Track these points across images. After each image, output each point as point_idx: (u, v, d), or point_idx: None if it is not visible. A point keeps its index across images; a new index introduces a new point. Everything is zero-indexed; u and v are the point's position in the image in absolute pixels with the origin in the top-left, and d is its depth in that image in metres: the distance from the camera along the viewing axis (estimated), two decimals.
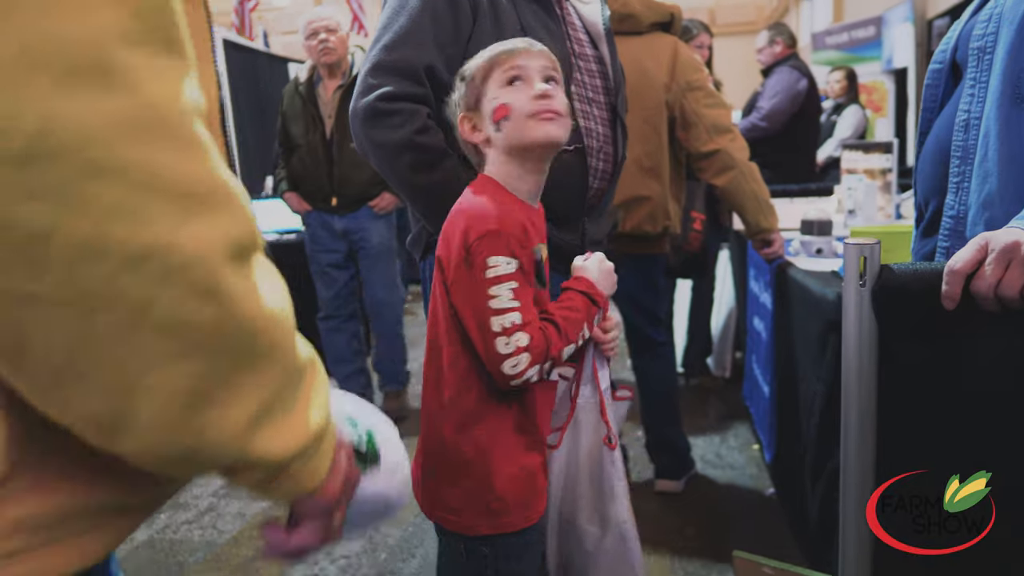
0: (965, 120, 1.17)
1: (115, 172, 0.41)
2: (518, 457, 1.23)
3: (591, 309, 1.25)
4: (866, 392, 1.02)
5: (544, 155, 1.23)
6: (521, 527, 1.23)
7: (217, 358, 0.47)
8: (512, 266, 1.14)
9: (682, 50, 2.45)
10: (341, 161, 3.36)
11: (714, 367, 3.93)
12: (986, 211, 1.13)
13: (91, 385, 0.45)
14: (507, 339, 1.13)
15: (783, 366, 2.29)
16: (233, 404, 0.50)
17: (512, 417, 1.23)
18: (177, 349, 0.45)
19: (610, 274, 1.30)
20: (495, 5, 1.50)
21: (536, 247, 1.20)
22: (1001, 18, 1.13)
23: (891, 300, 0.98)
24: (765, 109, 4.07)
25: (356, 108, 1.43)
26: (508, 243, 1.14)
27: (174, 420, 0.47)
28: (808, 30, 10.30)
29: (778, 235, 2.37)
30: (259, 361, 0.50)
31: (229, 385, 0.49)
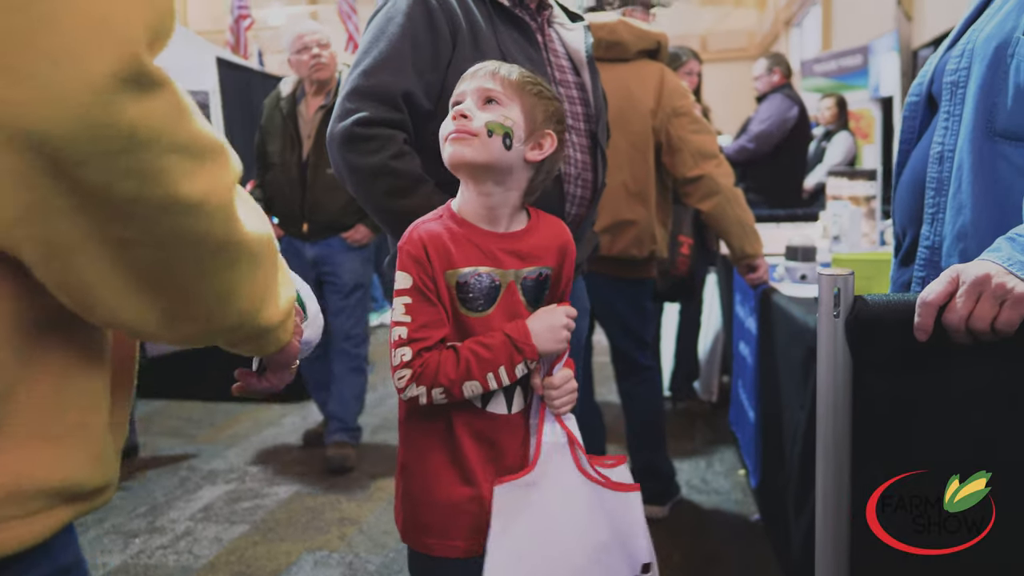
0: (939, 152, 1.19)
1: (174, 149, 0.56)
2: (439, 485, 1.24)
3: (512, 355, 1.20)
4: (840, 421, 1.02)
5: (465, 176, 1.23)
6: (443, 555, 1.24)
7: (242, 261, 0.65)
8: (407, 282, 1.19)
9: (668, 77, 2.47)
10: (315, 185, 3.16)
11: (701, 392, 3.94)
12: (960, 242, 1.14)
13: (162, 293, 0.61)
14: (395, 351, 1.19)
15: (768, 392, 2.30)
16: (250, 290, 0.68)
17: (437, 443, 1.24)
18: (223, 261, 0.63)
19: (557, 331, 1.24)
20: (475, 32, 1.51)
21: (456, 271, 1.20)
22: (973, 54, 1.15)
23: (865, 331, 0.99)
24: (754, 132, 4.14)
25: (333, 132, 1.45)
26: (404, 260, 1.20)
27: (221, 309, 0.66)
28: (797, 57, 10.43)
29: (762, 261, 2.38)
30: (262, 258, 0.69)
31: (250, 278, 0.67)
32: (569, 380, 1.28)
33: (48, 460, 0.60)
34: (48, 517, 0.61)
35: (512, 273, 1.25)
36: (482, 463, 1.24)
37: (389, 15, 1.50)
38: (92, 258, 0.56)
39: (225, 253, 0.62)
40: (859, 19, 8.70)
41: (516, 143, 1.21)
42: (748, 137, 4.16)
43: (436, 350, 1.19)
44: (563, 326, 1.25)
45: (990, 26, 1.15)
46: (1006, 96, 1.10)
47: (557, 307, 1.28)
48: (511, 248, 1.24)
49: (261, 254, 0.68)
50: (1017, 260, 0.92)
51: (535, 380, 1.27)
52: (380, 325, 6.93)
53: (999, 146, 1.10)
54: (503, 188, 1.23)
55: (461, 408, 1.23)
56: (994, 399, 0.98)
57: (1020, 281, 0.91)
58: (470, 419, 1.23)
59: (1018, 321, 0.91)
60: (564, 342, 1.26)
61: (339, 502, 2.93)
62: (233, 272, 0.65)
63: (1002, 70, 1.11)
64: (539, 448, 1.25)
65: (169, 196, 0.56)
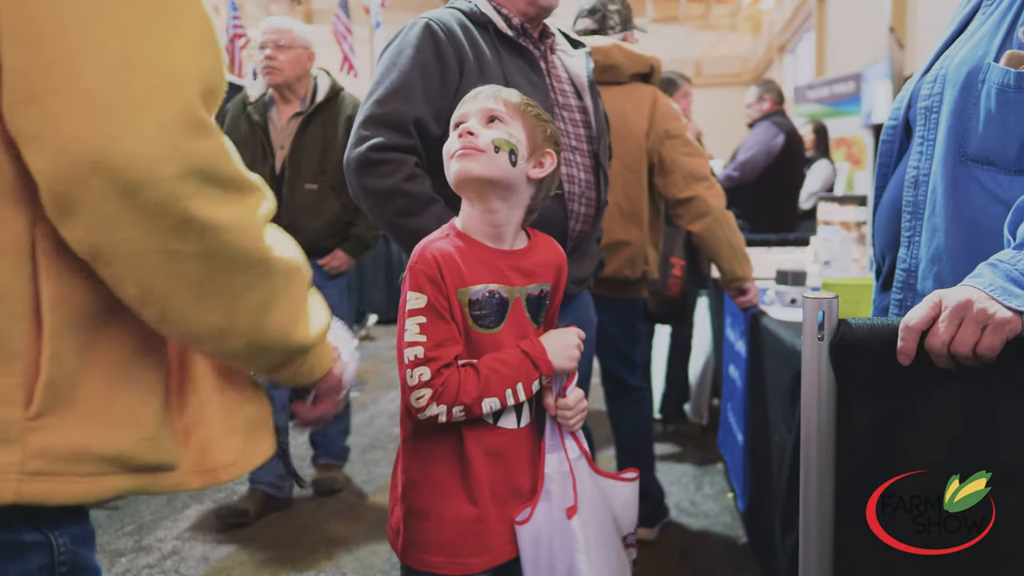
0: (915, 177, 1.21)
1: (218, 180, 0.69)
2: (449, 503, 1.24)
3: (529, 372, 1.24)
4: (824, 444, 1.02)
5: (471, 192, 1.25)
6: (447, 573, 1.24)
7: (276, 277, 0.77)
8: (421, 301, 1.19)
9: (661, 100, 2.50)
10: (291, 203, 2.81)
11: (691, 414, 3.93)
12: (935, 265, 1.16)
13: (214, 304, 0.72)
14: (411, 371, 1.18)
15: (756, 415, 2.30)
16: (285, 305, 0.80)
17: (448, 460, 1.24)
18: (254, 277, 0.74)
19: (570, 349, 1.29)
20: (481, 61, 1.60)
21: (468, 288, 1.21)
22: (946, 79, 1.18)
23: (849, 354, 0.99)
24: (739, 160, 4.19)
25: (349, 158, 1.55)
26: (418, 279, 1.19)
27: (261, 322, 0.77)
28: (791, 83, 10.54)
29: (752, 284, 2.39)
30: (294, 280, 0.80)
31: (285, 294, 0.79)
32: (581, 399, 1.33)
33: (104, 436, 0.71)
34: (105, 480, 0.71)
35: (519, 290, 1.28)
36: (491, 481, 1.25)
37: (400, 47, 1.60)
38: (152, 266, 0.68)
39: (260, 268, 0.75)
40: (852, 46, 8.80)
41: (520, 160, 1.24)
42: (734, 165, 4.22)
43: (454, 368, 1.20)
44: (575, 345, 1.30)
45: (962, 52, 1.18)
46: (978, 121, 1.12)
47: (569, 328, 1.33)
48: (516, 265, 1.27)
49: (293, 276, 0.80)
50: (998, 286, 0.93)
51: (548, 400, 1.31)
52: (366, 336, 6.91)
53: (972, 170, 1.13)
54: (508, 205, 1.25)
55: (473, 425, 1.24)
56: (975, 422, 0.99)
57: (1001, 307, 0.91)
58: (481, 435, 1.24)
59: (999, 346, 0.92)
60: (576, 360, 1.30)
61: (327, 521, 2.91)
62: (269, 284, 0.76)
63: (973, 96, 1.13)
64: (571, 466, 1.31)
65: (213, 217, 0.68)
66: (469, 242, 1.24)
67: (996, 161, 1.11)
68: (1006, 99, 1.09)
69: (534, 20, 1.74)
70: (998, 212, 1.10)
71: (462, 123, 1.26)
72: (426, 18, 1.63)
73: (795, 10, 11.43)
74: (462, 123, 1.26)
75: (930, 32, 6.25)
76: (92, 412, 0.71)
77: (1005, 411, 0.96)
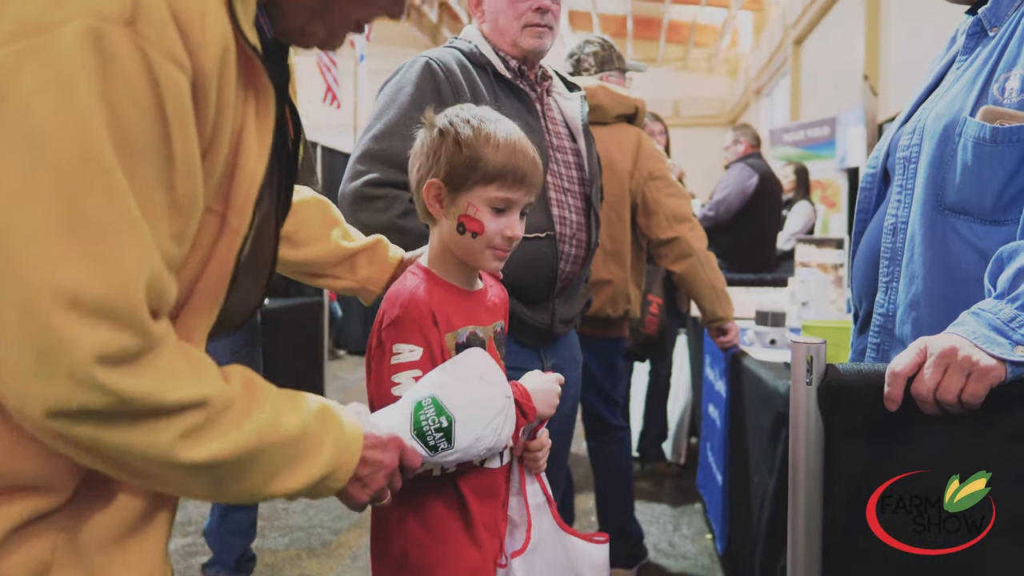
0: (893, 224, 1.24)
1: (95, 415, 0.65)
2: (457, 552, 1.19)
3: (518, 418, 1.19)
4: (812, 488, 1.03)
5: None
6: None
7: (217, 472, 0.74)
8: (416, 354, 1.13)
9: (645, 141, 2.54)
10: None
11: (670, 453, 3.93)
12: (913, 311, 1.18)
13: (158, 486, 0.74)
14: None
15: (736, 456, 2.30)
16: (258, 479, 0.78)
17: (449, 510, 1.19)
18: (192, 480, 0.73)
19: (551, 395, 1.25)
20: (478, 101, 1.62)
21: (455, 332, 1.19)
22: (924, 131, 1.22)
23: (836, 399, 1.00)
24: (714, 200, 4.28)
25: (344, 192, 1.57)
26: (410, 330, 1.13)
27: (248, 494, 0.79)
28: (767, 126, 10.74)
29: (733, 324, 2.41)
30: (256, 458, 0.76)
31: (248, 475, 0.77)
32: (548, 440, 1.30)
33: None
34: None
35: (489, 328, 1.26)
36: (484, 521, 1.22)
37: (400, 85, 1.63)
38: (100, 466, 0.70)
39: (198, 473, 0.72)
40: (826, 91, 9.02)
41: None
42: (710, 205, 4.30)
43: None
44: (556, 393, 1.27)
45: (939, 105, 1.22)
46: (955, 172, 1.16)
47: (548, 373, 1.29)
48: (482, 305, 1.27)
49: (252, 457, 0.76)
50: (982, 334, 0.95)
51: (517, 441, 1.27)
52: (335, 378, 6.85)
53: (949, 219, 1.16)
54: None
55: (463, 470, 1.20)
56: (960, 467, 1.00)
57: (985, 355, 0.93)
58: (471, 479, 1.20)
59: (983, 393, 0.93)
60: (554, 408, 1.26)
61: (300, 558, 2.85)
62: (212, 476, 0.74)
63: (950, 147, 1.17)
64: (528, 510, 1.25)
65: (113, 445, 0.67)
66: (444, 285, 1.21)
67: (973, 211, 1.14)
68: (982, 152, 1.13)
69: (526, 62, 1.77)
70: (974, 260, 1.13)
71: (506, 209, 1.18)
72: (426, 57, 1.66)
73: (771, 55, 11.72)
74: (506, 209, 1.18)
75: (902, 80, 6.42)
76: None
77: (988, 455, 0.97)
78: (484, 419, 1.07)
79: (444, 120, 1.19)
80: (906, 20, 6.35)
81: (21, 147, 0.60)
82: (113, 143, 0.62)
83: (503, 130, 1.18)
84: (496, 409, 1.09)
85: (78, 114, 0.61)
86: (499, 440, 1.10)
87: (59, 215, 0.61)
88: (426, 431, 1.02)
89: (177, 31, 0.65)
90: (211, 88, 0.69)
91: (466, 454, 1.07)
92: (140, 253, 0.64)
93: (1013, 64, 1.13)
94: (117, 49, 0.62)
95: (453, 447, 1.04)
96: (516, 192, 1.17)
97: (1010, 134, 1.11)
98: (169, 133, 0.66)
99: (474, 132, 1.16)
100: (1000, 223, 1.13)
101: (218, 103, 0.71)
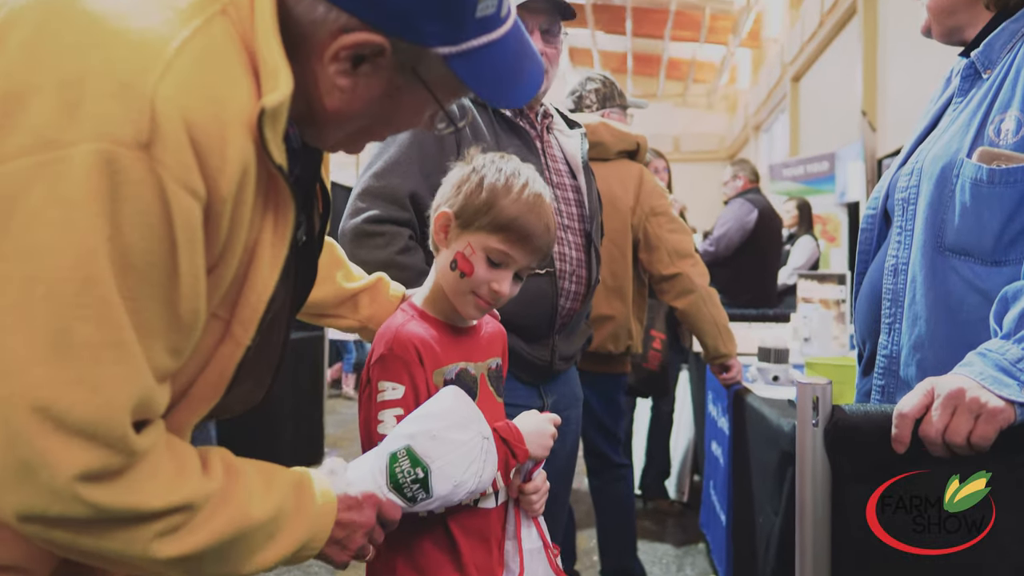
0: (894, 265, 1.25)
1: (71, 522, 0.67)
2: None
3: (508, 459, 1.17)
4: (820, 529, 1.01)
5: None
6: None
7: (207, 561, 0.74)
8: (398, 392, 1.12)
9: (647, 177, 2.54)
10: None
11: (673, 491, 3.88)
12: (917, 352, 1.18)
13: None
14: None
15: (741, 495, 2.27)
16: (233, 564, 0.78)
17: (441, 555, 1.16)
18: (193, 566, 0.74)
19: (544, 437, 1.22)
20: (478, 139, 1.63)
21: (443, 369, 1.17)
22: (922, 173, 1.23)
23: (843, 440, 0.99)
24: (715, 236, 4.30)
25: (344, 228, 1.57)
26: (395, 367, 1.13)
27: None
28: (767, 161, 10.82)
29: (736, 361, 2.40)
30: (226, 551, 0.76)
31: (222, 563, 0.77)
32: (545, 481, 1.26)
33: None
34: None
35: (481, 365, 1.25)
36: (477, 564, 1.18)
37: None
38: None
39: (192, 561, 0.73)
40: (824, 127, 9.10)
41: None
42: (710, 240, 4.32)
43: None
44: (551, 434, 1.24)
45: (936, 147, 1.22)
46: (954, 213, 1.16)
47: (543, 413, 1.27)
48: (474, 341, 1.26)
49: (229, 544, 0.76)
50: (989, 375, 0.94)
51: (514, 481, 1.25)
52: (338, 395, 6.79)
53: (949, 260, 1.16)
54: None
55: (454, 509, 1.17)
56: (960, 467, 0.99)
57: (993, 396, 0.92)
58: (463, 519, 1.18)
59: (993, 435, 0.92)
60: (548, 450, 1.24)
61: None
62: (213, 563, 0.75)
63: (948, 189, 1.17)
64: (522, 556, 1.22)
65: (89, 547, 0.67)
66: (434, 323, 1.21)
67: (973, 252, 1.15)
68: (979, 193, 1.13)
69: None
70: (977, 301, 1.13)
71: (504, 264, 1.16)
72: None
73: (769, 91, 11.84)
74: (504, 264, 1.16)
75: (900, 115, 6.48)
76: None
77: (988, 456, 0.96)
78: (461, 465, 1.05)
79: (481, 160, 1.21)
80: (903, 57, 6.43)
81: (23, 262, 0.61)
82: (114, 265, 0.62)
83: (529, 190, 1.18)
84: (474, 453, 1.07)
85: (80, 237, 0.61)
86: (480, 482, 1.08)
87: (51, 336, 0.61)
88: (402, 483, 1.00)
89: (195, 157, 0.65)
90: (225, 211, 0.69)
91: (447, 501, 1.05)
92: (130, 378, 0.65)
93: (1008, 106, 1.14)
94: (129, 174, 0.62)
95: (432, 496, 1.02)
96: (518, 250, 1.16)
97: (1007, 175, 1.11)
98: (176, 256, 0.66)
99: (500, 180, 1.17)
100: (1001, 264, 1.13)
101: (232, 222, 0.70)
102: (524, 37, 0.85)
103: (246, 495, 0.78)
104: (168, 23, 0.66)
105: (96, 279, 0.62)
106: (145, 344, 0.66)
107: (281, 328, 0.89)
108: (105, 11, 0.64)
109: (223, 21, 0.70)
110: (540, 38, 1.74)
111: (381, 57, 0.75)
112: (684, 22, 12.55)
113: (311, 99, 0.78)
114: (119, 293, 0.63)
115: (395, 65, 0.77)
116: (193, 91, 0.65)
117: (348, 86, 0.77)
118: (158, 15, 0.66)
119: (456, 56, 0.77)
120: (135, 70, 0.63)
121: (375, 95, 0.79)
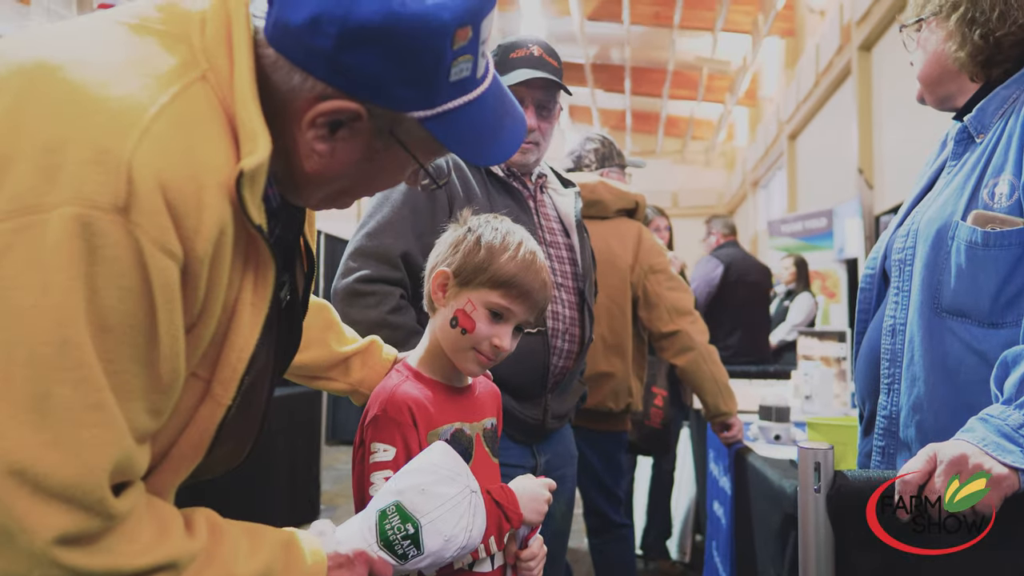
0: (892, 326, 1.26)
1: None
2: None
3: (501, 523, 1.16)
4: None
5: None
6: None
7: None
8: (389, 454, 1.12)
9: (645, 235, 2.57)
10: None
11: (674, 551, 3.81)
12: (916, 414, 1.18)
13: None
14: None
15: (743, 557, 2.24)
16: None
17: None
18: None
19: (539, 501, 1.21)
20: (470, 199, 1.65)
21: (437, 430, 1.17)
22: (918, 234, 1.24)
23: (846, 507, 0.98)
24: None
25: (336, 288, 1.58)
26: (388, 429, 1.13)
27: None
28: (765, 217, 10.90)
29: (737, 419, 2.38)
30: None
31: None
32: (542, 547, 1.25)
33: None
34: None
35: (476, 426, 1.24)
36: None
37: None
38: None
39: None
40: (822, 184, 9.20)
41: None
42: None
43: None
44: (545, 500, 1.23)
45: (932, 209, 1.24)
46: (950, 275, 1.17)
47: (539, 478, 1.26)
48: (470, 401, 1.25)
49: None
50: (991, 441, 0.94)
51: (510, 548, 1.23)
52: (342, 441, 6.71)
53: (946, 322, 1.17)
54: None
55: (448, 573, 1.16)
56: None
57: (996, 463, 0.92)
58: None
59: (998, 503, 0.91)
60: (543, 515, 1.22)
61: None
62: None
63: (944, 251, 1.18)
64: None
65: None
66: (430, 383, 1.21)
67: (969, 314, 1.15)
68: (975, 256, 1.14)
69: (517, 167, 1.80)
70: (974, 362, 1.13)
71: (504, 317, 1.18)
72: None
73: (767, 149, 12.00)
74: (504, 317, 1.18)
75: (896, 173, 6.56)
76: None
77: (1004, 567, 0.95)
78: (451, 519, 1.03)
79: (476, 221, 1.22)
80: (898, 115, 6.54)
81: (2, 326, 0.61)
82: (91, 328, 0.63)
83: (525, 248, 1.21)
84: (463, 507, 1.06)
85: (58, 300, 0.61)
86: (471, 537, 1.05)
87: (30, 399, 0.61)
88: (393, 540, 0.98)
89: (170, 218, 0.66)
90: (203, 271, 0.69)
91: (438, 557, 1.02)
92: (108, 440, 0.64)
93: (1001, 170, 1.16)
94: (106, 237, 0.63)
95: (423, 552, 1.00)
96: (517, 305, 1.18)
97: (1002, 238, 1.12)
98: (155, 316, 0.66)
99: (497, 239, 1.19)
100: (998, 326, 1.13)
101: (210, 282, 0.71)
102: (504, 94, 0.87)
103: (232, 555, 0.76)
104: (147, 89, 0.67)
105: (74, 342, 0.62)
106: (124, 405, 0.66)
107: (263, 388, 0.89)
108: (85, 79, 0.66)
109: (202, 86, 0.71)
110: (534, 113, 1.76)
111: (358, 122, 0.77)
112: (682, 81, 12.79)
113: (291, 162, 0.79)
114: (97, 355, 0.63)
115: (372, 129, 0.78)
116: (169, 154, 0.66)
117: (326, 151, 0.78)
118: (137, 82, 0.67)
119: (432, 119, 0.78)
120: (113, 136, 0.64)
121: (354, 158, 0.80)
